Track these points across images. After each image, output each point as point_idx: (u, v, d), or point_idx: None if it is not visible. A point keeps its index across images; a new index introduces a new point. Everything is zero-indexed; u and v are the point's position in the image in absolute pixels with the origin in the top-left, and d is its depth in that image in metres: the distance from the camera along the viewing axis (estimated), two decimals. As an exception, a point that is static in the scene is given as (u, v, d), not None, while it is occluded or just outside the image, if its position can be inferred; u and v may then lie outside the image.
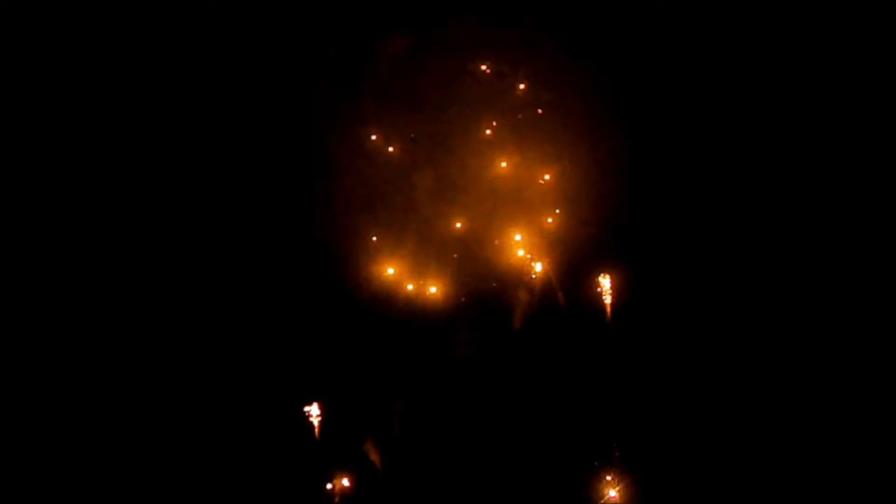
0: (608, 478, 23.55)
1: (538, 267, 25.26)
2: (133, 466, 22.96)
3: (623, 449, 23.89)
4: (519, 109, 26.75)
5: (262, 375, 23.90)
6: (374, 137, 26.64)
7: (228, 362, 23.92)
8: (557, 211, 25.63)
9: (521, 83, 26.87)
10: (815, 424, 23.05)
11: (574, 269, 25.28)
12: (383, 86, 26.67)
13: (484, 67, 27.10)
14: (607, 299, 24.86)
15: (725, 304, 24.26)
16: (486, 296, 25.50)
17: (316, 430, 24.02)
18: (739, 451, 23.39)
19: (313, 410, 23.68)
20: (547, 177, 26.00)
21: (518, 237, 25.51)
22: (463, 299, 25.32)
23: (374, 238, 25.43)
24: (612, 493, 23.50)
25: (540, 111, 26.52)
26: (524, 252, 25.42)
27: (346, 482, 23.37)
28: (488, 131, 26.34)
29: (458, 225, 25.86)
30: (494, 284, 25.35)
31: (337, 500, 23.43)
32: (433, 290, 25.27)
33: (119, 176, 25.68)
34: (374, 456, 23.79)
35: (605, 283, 24.84)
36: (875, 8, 25.29)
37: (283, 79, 26.80)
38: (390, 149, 26.51)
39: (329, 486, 23.36)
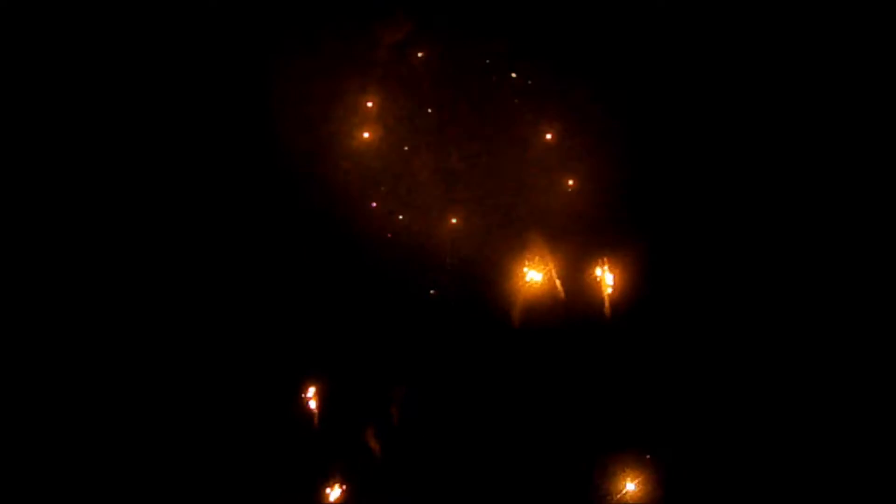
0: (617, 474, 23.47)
1: (537, 259, 25.14)
2: (122, 454, 22.34)
3: (634, 447, 23.86)
4: (521, 102, 26.93)
5: (259, 363, 23.50)
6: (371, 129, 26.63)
7: (224, 348, 23.50)
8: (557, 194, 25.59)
9: (526, 74, 27.01)
10: (833, 424, 23.02)
11: (575, 259, 25.34)
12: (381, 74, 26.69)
13: (490, 56, 27.37)
14: (609, 291, 24.75)
15: (736, 298, 24.13)
16: (482, 288, 25.39)
17: (315, 418, 23.58)
18: (751, 450, 23.43)
19: (311, 398, 23.38)
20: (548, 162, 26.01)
21: (516, 228, 25.26)
22: (457, 292, 25.21)
23: (374, 227, 25.27)
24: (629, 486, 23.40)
25: (542, 105, 26.52)
26: (522, 242, 25.31)
27: (343, 475, 23.06)
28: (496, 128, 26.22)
29: (454, 220, 25.80)
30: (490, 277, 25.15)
31: (337, 491, 23.28)
32: (433, 284, 25.13)
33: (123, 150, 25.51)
34: (373, 447, 23.57)
35: (607, 274, 24.74)
36: (875, 9, 25.83)
37: (274, 69, 26.84)
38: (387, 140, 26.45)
39: (327, 477, 22.97)
